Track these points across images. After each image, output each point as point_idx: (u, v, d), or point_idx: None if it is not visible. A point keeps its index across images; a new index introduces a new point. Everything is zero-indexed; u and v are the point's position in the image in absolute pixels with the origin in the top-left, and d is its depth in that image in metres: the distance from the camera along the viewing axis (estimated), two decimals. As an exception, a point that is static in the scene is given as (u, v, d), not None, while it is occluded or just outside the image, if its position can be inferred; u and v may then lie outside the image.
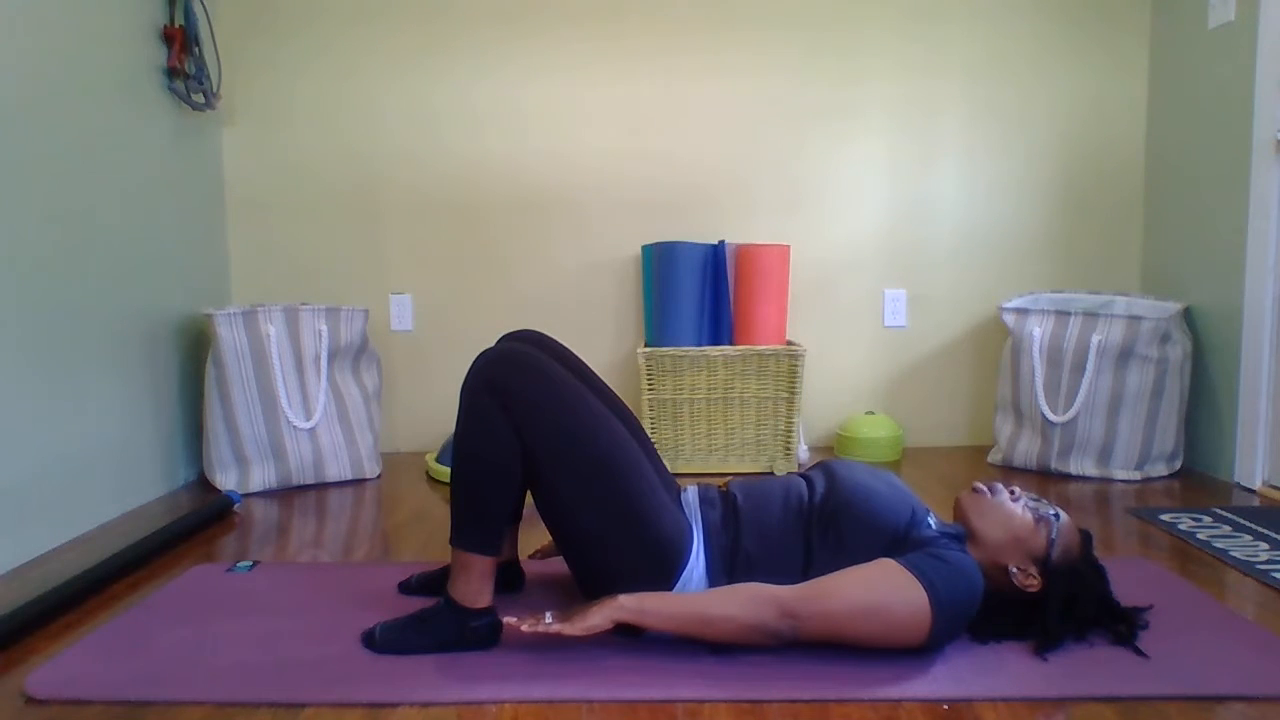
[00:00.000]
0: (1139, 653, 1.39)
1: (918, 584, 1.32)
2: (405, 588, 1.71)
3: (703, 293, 2.73)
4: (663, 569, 1.43)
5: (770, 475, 2.62)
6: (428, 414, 3.04)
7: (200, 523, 2.14)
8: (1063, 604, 1.41)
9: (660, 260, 2.73)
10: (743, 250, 2.73)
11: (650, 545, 1.42)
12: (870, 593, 1.33)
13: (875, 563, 1.37)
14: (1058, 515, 1.46)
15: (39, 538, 2.01)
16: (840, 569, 1.39)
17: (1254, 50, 2.41)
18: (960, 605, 1.35)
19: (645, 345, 2.78)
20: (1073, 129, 2.96)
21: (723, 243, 2.73)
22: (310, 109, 2.95)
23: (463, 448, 1.43)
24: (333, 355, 2.63)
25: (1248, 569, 1.78)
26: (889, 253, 3.00)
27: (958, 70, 2.94)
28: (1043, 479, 2.58)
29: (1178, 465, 2.62)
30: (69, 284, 2.13)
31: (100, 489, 2.24)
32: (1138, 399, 2.52)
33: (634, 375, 3.02)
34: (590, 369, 1.63)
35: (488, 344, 2.92)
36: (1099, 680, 1.31)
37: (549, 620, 1.35)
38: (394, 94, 2.95)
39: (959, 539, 1.46)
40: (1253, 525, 2.07)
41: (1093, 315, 2.57)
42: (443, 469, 2.58)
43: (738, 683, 1.31)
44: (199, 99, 2.70)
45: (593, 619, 1.34)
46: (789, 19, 2.92)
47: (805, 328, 3.03)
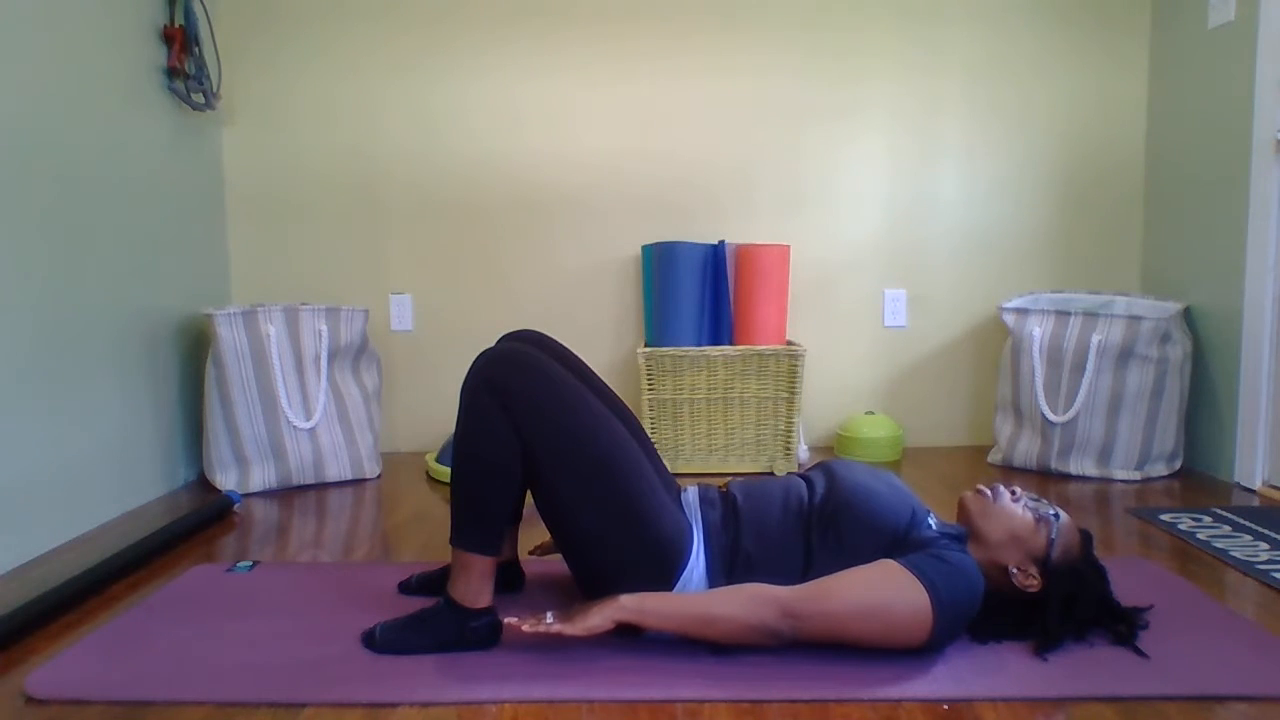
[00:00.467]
0: (1139, 653, 1.39)
1: (919, 584, 1.32)
2: (405, 588, 1.71)
3: (703, 293, 2.73)
4: (663, 569, 1.43)
5: (770, 475, 2.62)
6: (428, 414, 3.04)
7: (200, 523, 2.14)
8: (1063, 604, 1.41)
9: (660, 260, 2.73)
10: (743, 250, 2.73)
11: (650, 545, 1.42)
12: (871, 593, 1.33)
13: (876, 563, 1.37)
14: (1058, 515, 1.46)
15: (39, 538, 2.01)
16: (840, 570, 1.39)
17: (1254, 50, 2.41)
18: (961, 606, 1.35)
19: (645, 345, 2.78)
20: (1073, 129, 2.96)
21: (723, 243, 2.73)
22: (310, 109, 2.95)
23: (463, 447, 1.43)
24: (333, 355, 2.63)
25: (1248, 569, 1.78)
26: (889, 253, 3.00)
27: (958, 70, 2.94)
28: (1043, 479, 2.58)
29: (1178, 465, 2.62)
30: (69, 284, 2.13)
31: (100, 489, 2.24)
32: (1138, 399, 2.52)
33: (634, 375, 3.02)
34: (590, 369, 1.63)
35: (488, 344, 2.92)
36: (1099, 680, 1.31)
37: (549, 620, 1.35)
38: (394, 94, 2.95)
39: (959, 539, 1.46)
40: (1253, 525, 2.07)
41: (1093, 315, 2.57)
42: (443, 469, 2.58)
43: (738, 683, 1.31)
44: (199, 99, 2.70)
45: (593, 619, 1.34)
46: (789, 19, 2.91)
47: (805, 328, 3.03)
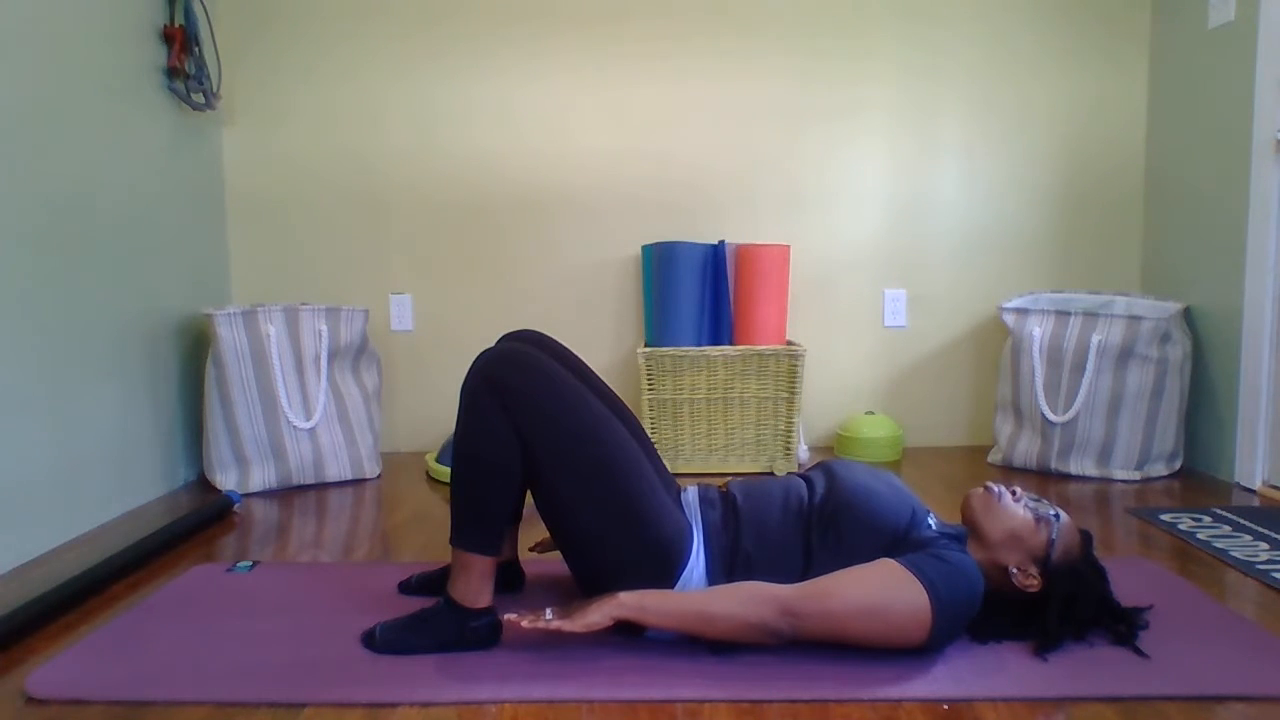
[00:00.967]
0: (1139, 653, 1.39)
1: (918, 584, 1.32)
2: (405, 588, 1.71)
3: (703, 293, 2.73)
4: (663, 569, 1.43)
5: (770, 475, 2.62)
6: (428, 414, 3.04)
7: (200, 523, 2.14)
8: (1063, 604, 1.41)
9: (660, 260, 2.73)
10: (743, 250, 2.73)
11: (650, 545, 1.42)
12: (871, 592, 1.33)
13: (876, 563, 1.37)
14: (1058, 515, 1.46)
15: (39, 538, 2.01)
16: (840, 569, 1.39)
17: (1254, 50, 2.41)
18: (961, 605, 1.35)
19: (645, 345, 2.78)
20: (1073, 129, 2.96)
21: (723, 243, 2.73)
22: (310, 109, 2.95)
23: (463, 447, 1.43)
24: (333, 355, 2.63)
25: (1248, 569, 1.78)
26: (889, 253, 3.00)
27: (958, 70, 2.94)
28: (1043, 479, 2.58)
29: (1178, 465, 2.62)
30: (69, 284, 2.13)
31: (100, 489, 2.24)
32: (1138, 399, 2.52)
33: (634, 375, 3.02)
34: (590, 369, 1.63)
35: (488, 344, 2.92)
36: (1099, 680, 1.31)
37: (549, 616, 1.35)
38: (395, 94, 2.94)
39: (959, 539, 1.46)
40: (1253, 525, 2.07)
41: (1093, 315, 2.57)
42: (443, 469, 2.58)
43: (738, 683, 1.31)
44: (199, 99, 2.70)
45: (593, 616, 1.34)
46: (790, 20, 2.92)
47: (805, 328, 3.03)
